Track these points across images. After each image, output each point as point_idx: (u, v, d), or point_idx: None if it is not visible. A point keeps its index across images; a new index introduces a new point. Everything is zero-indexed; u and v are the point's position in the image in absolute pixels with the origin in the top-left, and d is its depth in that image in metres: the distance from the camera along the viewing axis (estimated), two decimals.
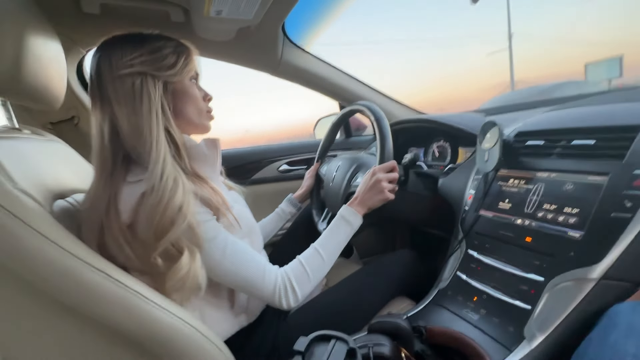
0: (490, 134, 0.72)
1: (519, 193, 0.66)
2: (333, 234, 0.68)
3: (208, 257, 0.54)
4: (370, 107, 0.83)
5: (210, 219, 0.56)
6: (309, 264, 0.62)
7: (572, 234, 0.54)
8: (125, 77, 0.53)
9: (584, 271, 0.50)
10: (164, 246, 0.49)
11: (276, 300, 0.58)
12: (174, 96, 0.59)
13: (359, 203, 0.71)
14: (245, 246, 0.59)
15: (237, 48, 1.02)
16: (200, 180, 0.57)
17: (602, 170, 0.55)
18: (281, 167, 1.37)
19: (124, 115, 0.53)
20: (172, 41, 0.59)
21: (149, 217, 0.49)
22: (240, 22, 0.84)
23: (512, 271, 0.60)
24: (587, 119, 0.66)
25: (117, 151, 0.54)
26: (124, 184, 0.52)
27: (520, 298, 0.57)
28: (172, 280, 0.50)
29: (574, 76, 8.51)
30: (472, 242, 0.71)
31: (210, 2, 0.72)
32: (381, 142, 0.76)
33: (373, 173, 0.72)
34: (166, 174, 0.51)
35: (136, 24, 0.83)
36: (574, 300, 0.50)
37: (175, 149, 0.56)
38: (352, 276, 0.80)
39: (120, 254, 0.49)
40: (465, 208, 0.76)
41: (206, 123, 0.65)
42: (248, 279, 0.57)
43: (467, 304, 0.64)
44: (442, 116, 1.06)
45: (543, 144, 0.67)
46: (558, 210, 0.58)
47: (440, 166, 1.14)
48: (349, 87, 1.27)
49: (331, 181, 0.95)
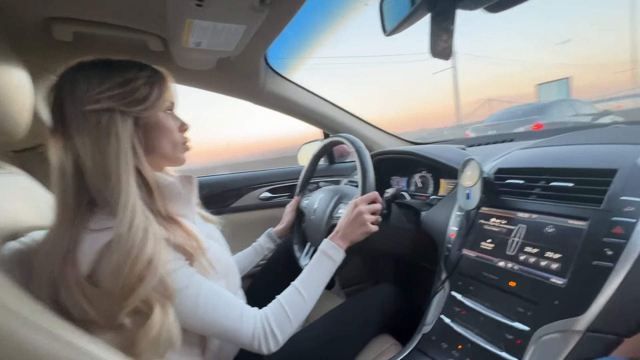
0: (470, 171, 0.72)
1: (501, 233, 0.65)
2: (314, 271, 0.65)
3: (180, 307, 0.50)
4: (350, 139, 0.83)
5: (182, 266, 0.52)
6: (289, 305, 0.59)
7: (555, 280, 0.53)
8: (91, 114, 0.49)
9: (570, 322, 0.49)
10: (132, 305, 0.45)
11: (255, 345, 0.54)
12: (145, 131, 0.55)
13: (341, 237, 0.68)
14: (221, 290, 0.55)
15: (217, 77, 1.01)
16: (173, 224, 0.53)
17: (582, 215, 0.54)
18: (262, 194, 1.33)
19: (88, 155, 0.49)
20: (144, 70, 0.55)
21: (115, 273, 0.44)
22: (221, 53, 0.83)
23: (497, 318, 0.58)
24: (564, 159, 0.67)
25: (81, 194, 0.49)
26: (86, 232, 0.47)
27: (507, 349, 0.54)
28: (144, 340, 0.45)
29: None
30: (456, 283, 0.69)
31: (188, 33, 0.70)
32: (363, 173, 0.75)
33: (355, 205, 0.70)
34: (135, 224, 0.46)
35: (112, 52, 0.80)
36: (561, 354, 0.48)
37: (147, 190, 0.52)
38: (333, 313, 0.77)
39: (77, 309, 0.44)
40: (448, 246, 0.75)
41: (181, 156, 0.62)
42: (225, 326, 0.53)
43: (451, 352, 0.61)
44: (423, 149, 1.06)
45: (523, 184, 0.67)
46: (540, 254, 0.57)
47: (423, 196, 1.13)
48: (332, 115, 1.27)
49: (312, 214, 0.93)
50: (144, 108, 0.53)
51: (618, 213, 0.50)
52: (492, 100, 22.38)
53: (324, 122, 1.28)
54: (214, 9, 0.60)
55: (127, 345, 0.45)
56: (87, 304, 0.45)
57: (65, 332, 0.38)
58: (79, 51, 0.79)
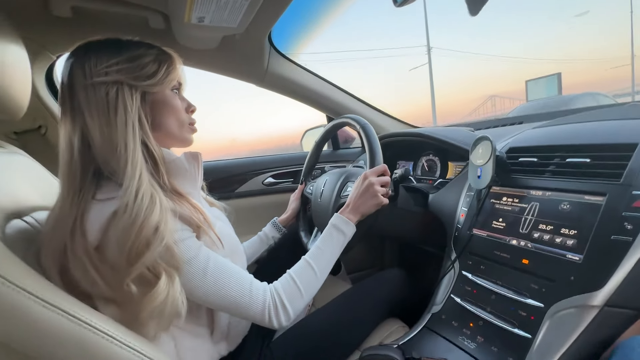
0: (482, 149, 0.70)
1: (513, 212, 0.64)
2: (325, 244, 0.64)
3: (188, 279, 0.50)
4: (355, 118, 0.81)
5: (190, 237, 0.51)
6: (300, 279, 0.58)
7: (571, 256, 0.52)
8: (99, 86, 0.49)
9: (586, 297, 0.48)
10: (138, 271, 0.44)
11: (266, 319, 0.54)
12: (153, 107, 0.55)
13: (352, 210, 0.67)
14: (229, 263, 0.54)
15: (221, 57, 0.98)
16: (180, 198, 0.53)
17: (599, 190, 0.53)
18: (266, 180, 1.32)
19: (96, 126, 0.49)
20: (153, 49, 0.55)
21: (121, 239, 0.44)
22: (225, 30, 0.80)
23: (510, 295, 0.57)
24: (580, 136, 0.65)
25: (87, 165, 0.49)
26: (93, 202, 0.47)
27: (520, 325, 0.53)
28: (148, 308, 0.45)
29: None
30: (466, 262, 0.68)
31: (191, 8, 0.68)
32: (370, 148, 0.73)
33: (365, 177, 0.69)
34: (142, 192, 0.46)
35: (111, 29, 0.77)
36: (576, 328, 0.47)
37: (153, 164, 0.52)
38: (340, 298, 0.76)
39: (85, 279, 0.44)
40: (458, 226, 0.74)
41: (188, 136, 0.61)
42: (234, 298, 0.52)
43: (462, 330, 0.60)
44: (432, 130, 1.04)
45: (536, 161, 0.65)
46: (555, 231, 0.56)
47: (430, 180, 1.12)
48: (336, 99, 1.24)
49: (319, 197, 0.91)
50: (151, 83, 0.53)
51: (639, 187, 0.49)
52: (496, 97, 22.18)
53: (328, 105, 1.25)
54: None
55: (133, 317, 0.45)
56: (95, 273, 0.44)
57: (73, 307, 0.38)
58: (78, 28, 0.77)
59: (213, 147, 23.94)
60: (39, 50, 0.82)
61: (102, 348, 0.38)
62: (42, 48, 0.83)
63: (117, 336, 0.40)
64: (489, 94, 19.57)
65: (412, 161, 1.22)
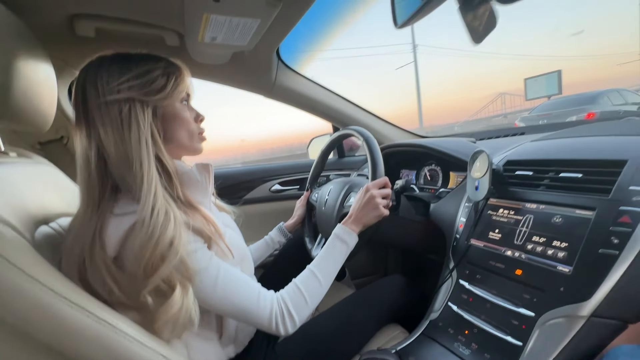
0: (479, 162, 0.73)
1: (509, 223, 0.66)
2: (329, 254, 0.66)
3: (200, 288, 0.52)
4: (358, 130, 0.84)
5: (201, 248, 0.54)
6: (305, 288, 0.60)
7: (561, 268, 0.54)
8: (112, 104, 0.51)
9: (574, 308, 0.50)
10: (154, 284, 0.47)
11: (273, 327, 0.56)
12: (164, 121, 0.57)
13: (354, 221, 0.70)
14: (238, 273, 0.57)
15: (231, 71, 1.03)
16: (192, 209, 0.56)
17: (589, 204, 0.55)
18: (273, 187, 1.36)
19: (111, 143, 0.51)
20: (161, 61, 0.57)
21: (138, 254, 0.47)
22: (235, 47, 0.85)
23: (503, 304, 0.60)
24: (574, 151, 0.67)
25: (105, 181, 0.52)
26: (111, 217, 0.49)
27: (512, 333, 0.56)
28: (163, 318, 0.47)
29: None
30: (464, 271, 0.71)
31: (205, 28, 0.72)
32: (372, 161, 0.77)
33: (366, 189, 0.71)
34: (157, 208, 0.49)
35: (131, 47, 0.83)
36: (565, 337, 0.49)
37: (167, 178, 0.55)
38: (343, 303, 0.79)
39: (103, 289, 0.47)
40: (457, 236, 0.76)
41: (198, 146, 0.63)
42: (243, 307, 0.55)
43: (458, 337, 0.63)
44: (433, 141, 1.07)
45: (532, 175, 0.68)
46: (547, 243, 0.58)
47: (432, 189, 1.14)
48: (342, 109, 1.28)
49: (323, 205, 0.95)
50: (161, 97, 0.55)
51: (626, 202, 0.51)
52: (506, 94, 21.95)
53: (334, 116, 1.29)
54: (231, 3, 0.62)
55: (148, 324, 0.47)
56: (113, 284, 0.47)
57: (96, 308, 0.41)
58: (100, 46, 0.82)
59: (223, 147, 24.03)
60: (63, 66, 0.88)
61: (124, 348, 0.41)
62: (66, 65, 0.89)
63: (137, 337, 0.42)
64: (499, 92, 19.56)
65: (415, 170, 1.25)
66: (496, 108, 21.67)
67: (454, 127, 16.37)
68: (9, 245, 0.38)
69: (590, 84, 45.82)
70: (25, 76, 0.51)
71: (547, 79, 8.55)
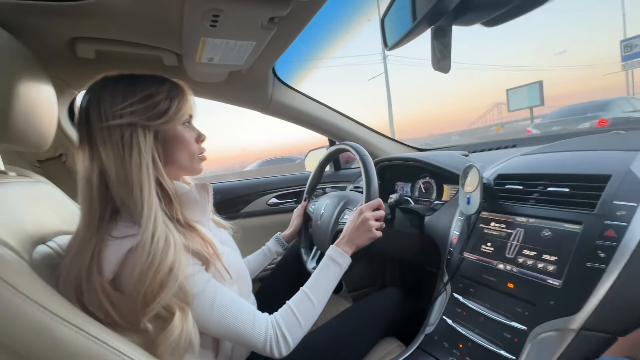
0: (470, 177, 0.74)
1: (501, 237, 0.67)
2: (322, 276, 0.67)
3: (197, 310, 0.52)
4: (355, 148, 0.85)
5: (199, 271, 0.54)
6: (299, 310, 0.61)
7: (551, 281, 0.55)
8: (115, 128, 0.52)
9: (565, 321, 0.51)
10: (154, 311, 0.47)
11: (267, 350, 0.56)
12: (165, 143, 0.57)
13: (347, 242, 0.71)
14: (234, 296, 0.57)
15: (228, 89, 1.05)
16: (191, 231, 0.56)
17: (576, 219, 0.57)
18: (270, 200, 1.37)
19: (112, 167, 0.52)
20: (165, 84, 0.58)
21: (138, 281, 0.47)
22: (232, 67, 0.88)
23: (496, 318, 0.60)
24: (561, 166, 0.69)
25: (105, 204, 0.52)
26: (110, 240, 0.50)
27: (505, 347, 0.57)
28: (165, 344, 0.48)
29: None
30: (458, 285, 0.71)
31: (202, 50, 0.75)
32: (367, 181, 0.78)
33: (360, 212, 0.73)
34: (157, 234, 0.49)
35: (130, 67, 0.85)
36: (556, 351, 0.50)
37: (167, 200, 0.55)
38: (341, 316, 0.79)
39: (99, 311, 0.47)
40: (451, 249, 0.78)
41: (197, 166, 0.64)
42: (238, 330, 0.55)
43: (452, 351, 0.63)
44: (427, 155, 1.09)
45: (521, 189, 0.70)
46: (537, 257, 0.59)
47: (427, 202, 1.16)
48: (338, 124, 1.30)
49: (319, 219, 0.96)
50: (163, 121, 0.56)
51: (610, 217, 0.53)
52: (501, 104, 22.25)
53: (330, 130, 1.32)
54: (227, 28, 0.65)
55: (146, 344, 0.47)
56: (110, 307, 0.47)
57: (93, 328, 0.41)
58: (100, 67, 0.84)
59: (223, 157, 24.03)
60: (63, 86, 0.90)
61: None
62: (67, 85, 0.91)
63: (137, 358, 0.42)
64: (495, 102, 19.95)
65: (410, 182, 1.26)
66: (493, 117, 21.94)
67: (451, 136, 16.58)
68: (7, 266, 0.38)
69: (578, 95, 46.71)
70: (26, 99, 0.52)
71: (528, 90, 8.79)
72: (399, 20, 0.60)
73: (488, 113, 22.39)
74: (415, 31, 0.56)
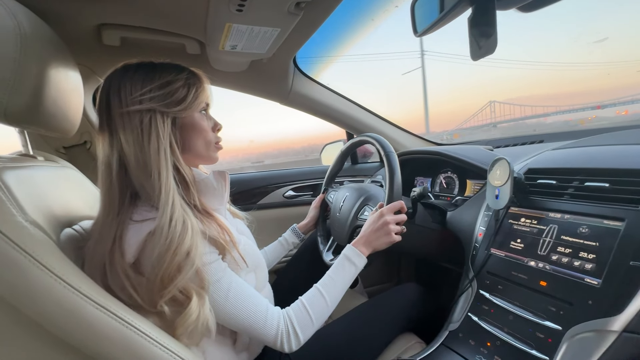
0: (500, 170, 0.71)
1: (532, 233, 0.65)
2: (337, 275, 0.66)
3: (211, 299, 0.53)
4: (380, 141, 0.81)
5: (216, 260, 0.54)
6: (312, 307, 0.60)
7: (589, 280, 0.53)
8: (134, 114, 0.53)
9: (605, 322, 0.48)
10: (171, 294, 0.48)
11: (278, 344, 0.57)
12: (182, 130, 0.58)
13: (364, 243, 0.69)
14: (249, 288, 0.57)
15: (248, 79, 1.05)
16: (208, 217, 0.56)
17: (618, 215, 0.54)
18: (287, 193, 1.37)
19: (131, 152, 0.52)
20: (183, 72, 0.58)
21: (156, 264, 0.48)
22: (254, 55, 0.87)
23: (527, 317, 0.58)
24: (600, 160, 0.65)
25: (124, 189, 0.53)
26: (130, 224, 0.51)
27: (537, 347, 0.54)
28: (181, 327, 0.48)
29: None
30: (484, 281, 0.69)
31: (226, 37, 0.74)
32: (390, 180, 0.75)
33: (381, 214, 0.71)
34: (175, 218, 0.49)
35: (153, 55, 0.85)
36: (594, 353, 0.47)
37: (184, 186, 0.56)
38: (357, 310, 0.78)
39: (123, 293, 0.48)
40: (476, 245, 0.75)
41: (214, 155, 0.64)
42: (250, 322, 0.55)
43: (480, 349, 0.61)
44: (450, 149, 1.06)
45: (555, 184, 0.66)
46: (573, 254, 0.56)
47: (448, 197, 1.13)
48: (357, 116, 1.28)
49: (338, 211, 0.95)
50: (181, 109, 0.56)
51: None
52: (496, 102, 21.65)
53: (349, 123, 1.30)
54: (253, 13, 0.64)
55: (167, 329, 0.48)
56: (132, 289, 0.48)
57: (120, 310, 0.42)
58: (124, 54, 0.85)
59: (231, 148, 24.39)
60: (89, 73, 0.91)
61: (146, 350, 0.42)
62: (92, 73, 0.92)
63: (160, 340, 0.43)
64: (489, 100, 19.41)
65: (430, 178, 1.23)
66: (486, 116, 21.43)
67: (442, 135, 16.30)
68: (39, 247, 0.39)
69: (618, 90, 44.89)
70: (55, 84, 0.53)
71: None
72: (429, 6, 0.57)
73: (482, 111, 21.86)
74: (446, 17, 0.54)
